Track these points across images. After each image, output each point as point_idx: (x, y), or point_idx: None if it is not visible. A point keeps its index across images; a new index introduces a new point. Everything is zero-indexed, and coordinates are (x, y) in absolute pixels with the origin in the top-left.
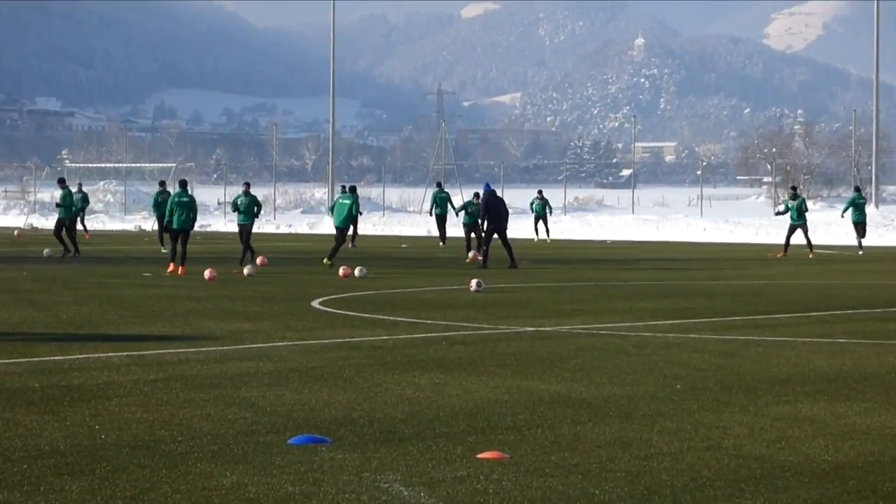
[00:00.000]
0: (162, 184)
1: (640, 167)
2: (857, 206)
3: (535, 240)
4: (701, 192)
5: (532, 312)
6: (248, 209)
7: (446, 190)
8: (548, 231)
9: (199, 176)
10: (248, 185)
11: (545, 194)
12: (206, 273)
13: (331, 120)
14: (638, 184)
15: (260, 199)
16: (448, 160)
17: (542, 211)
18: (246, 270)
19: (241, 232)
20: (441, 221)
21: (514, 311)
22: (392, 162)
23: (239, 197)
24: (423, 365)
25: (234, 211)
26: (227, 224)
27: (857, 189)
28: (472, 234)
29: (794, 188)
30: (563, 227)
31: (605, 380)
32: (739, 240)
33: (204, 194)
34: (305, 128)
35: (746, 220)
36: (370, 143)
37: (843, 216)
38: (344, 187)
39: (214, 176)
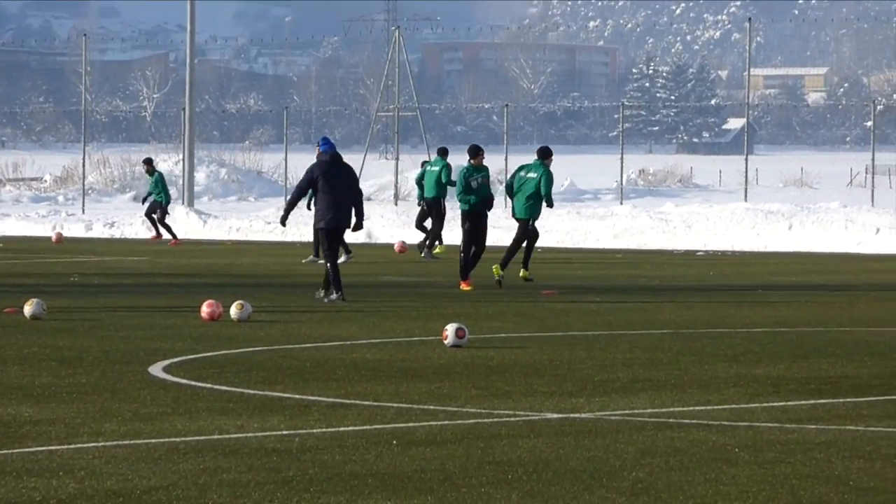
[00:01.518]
0: None
1: (760, 114)
2: None
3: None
4: (872, 160)
5: (558, 385)
6: None
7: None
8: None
9: None
10: None
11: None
12: None
13: (188, 27)
14: (757, 145)
15: (55, 174)
16: (407, 101)
17: (439, 190)
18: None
19: None
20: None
21: (524, 383)
22: (303, 104)
23: None
24: (357, 483)
25: None
26: (17, 221)
27: None
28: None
29: None
30: (619, 225)
31: None
32: None
33: None
34: (141, 42)
35: None
36: (261, 69)
37: None
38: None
39: None
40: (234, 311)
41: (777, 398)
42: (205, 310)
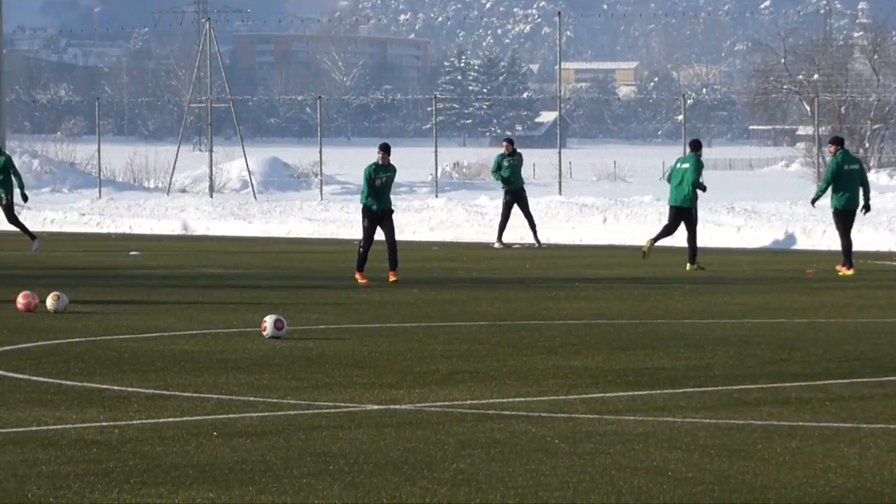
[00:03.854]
0: None
1: (572, 108)
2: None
3: (498, 245)
4: (684, 154)
5: (378, 377)
6: None
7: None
8: (533, 226)
9: None
10: None
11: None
12: None
13: None
14: (570, 139)
15: None
16: (219, 93)
17: (517, 182)
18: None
19: None
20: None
21: (344, 375)
22: (115, 95)
23: None
24: (177, 475)
25: None
26: None
27: None
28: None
29: (839, 140)
30: (434, 217)
31: (511, 500)
32: (752, 242)
33: None
34: None
35: (765, 205)
36: (71, 60)
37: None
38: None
39: None
40: (50, 302)
41: (595, 390)
42: (20, 301)
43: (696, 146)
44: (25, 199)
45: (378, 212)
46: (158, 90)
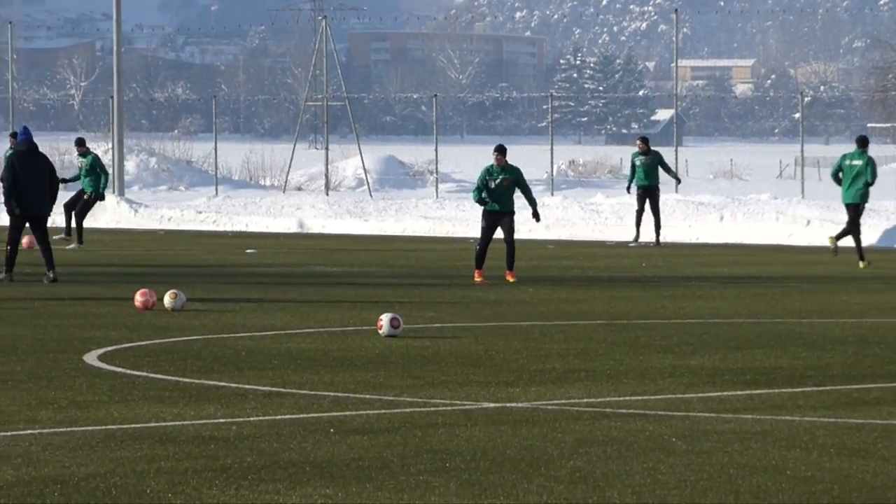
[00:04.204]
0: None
1: (688, 105)
2: None
3: (633, 243)
4: (802, 151)
5: (494, 375)
6: None
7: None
8: (657, 226)
9: None
10: None
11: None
12: None
13: (114, 16)
14: (686, 136)
15: None
16: (335, 91)
17: (650, 180)
18: (170, 301)
19: None
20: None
21: (460, 373)
22: (231, 93)
23: None
24: (295, 471)
25: None
26: None
27: None
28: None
29: None
30: (550, 216)
31: (629, 498)
32: (871, 240)
33: None
34: (67, 30)
35: (884, 203)
36: (189, 58)
37: None
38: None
39: None
40: (167, 300)
41: (713, 388)
42: (138, 299)
43: (865, 143)
44: (102, 198)
45: (496, 213)
46: (274, 88)
